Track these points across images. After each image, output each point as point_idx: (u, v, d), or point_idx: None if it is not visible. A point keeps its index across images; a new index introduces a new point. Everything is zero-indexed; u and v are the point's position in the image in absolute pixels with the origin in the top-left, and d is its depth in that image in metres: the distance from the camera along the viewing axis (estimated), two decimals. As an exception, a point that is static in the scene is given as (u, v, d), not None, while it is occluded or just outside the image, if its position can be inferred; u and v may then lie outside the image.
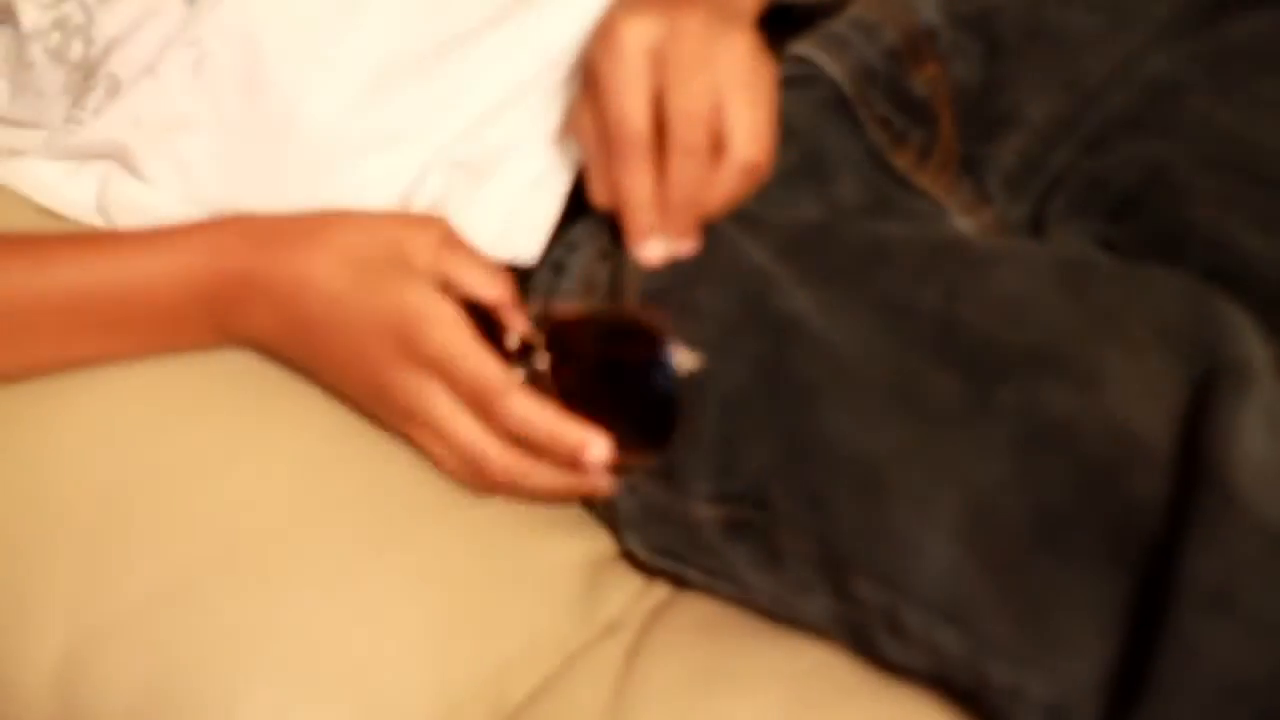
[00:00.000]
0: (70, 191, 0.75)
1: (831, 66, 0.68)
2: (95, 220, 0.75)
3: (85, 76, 0.72)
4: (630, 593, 0.69)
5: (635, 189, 0.57)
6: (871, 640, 0.57)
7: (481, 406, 0.58)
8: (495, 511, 0.67)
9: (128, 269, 0.64)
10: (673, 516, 0.62)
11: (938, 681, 0.55)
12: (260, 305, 0.63)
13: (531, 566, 0.67)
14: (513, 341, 0.60)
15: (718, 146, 0.57)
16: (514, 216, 0.68)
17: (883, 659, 0.57)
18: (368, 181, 0.69)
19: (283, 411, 0.67)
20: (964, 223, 0.67)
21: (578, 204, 0.68)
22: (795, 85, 0.68)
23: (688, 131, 0.55)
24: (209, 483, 0.65)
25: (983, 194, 0.68)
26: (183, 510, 0.64)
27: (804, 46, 0.69)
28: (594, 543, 0.69)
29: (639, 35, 0.56)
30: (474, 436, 0.60)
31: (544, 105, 0.70)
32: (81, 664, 0.62)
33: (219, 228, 0.65)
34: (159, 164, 0.71)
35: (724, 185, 0.57)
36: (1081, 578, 0.49)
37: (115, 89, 0.72)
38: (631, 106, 0.55)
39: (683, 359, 0.56)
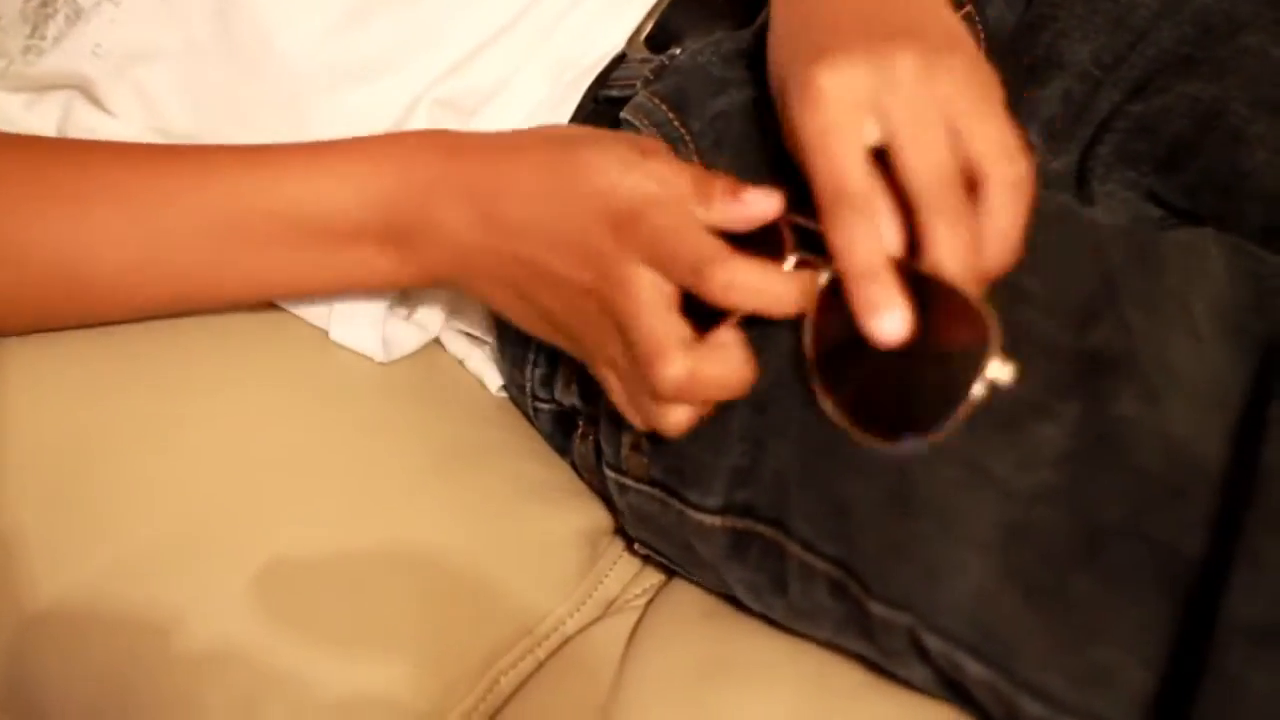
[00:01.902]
0: (30, 122, 0.71)
1: None
2: None
3: (44, 3, 0.67)
4: (629, 570, 0.65)
5: (867, 254, 0.47)
6: (889, 663, 0.53)
7: (696, 277, 0.48)
8: (488, 482, 0.64)
9: (299, 184, 0.58)
10: (665, 527, 0.58)
11: (962, 702, 0.51)
12: (451, 211, 0.55)
13: (526, 541, 0.63)
14: (789, 263, 0.50)
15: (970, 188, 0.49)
16: None
17: (903, 681, 0.54)
18: (347, 115, 0.65)
19: (264, 375, 0.64)
20: None
21: None
22: None
23: (943, 193, 0.47)
24: (184, 450, 0.61)
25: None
26: (148, 479, 0.60)
27: None
28: (591, 514, 0.65)
29: (846, 89, 0.48)
30: (664, 332, 0.49)
31: (535, 40, 0.66)
32: (34, 645, 0.58)
33: (404, 137, 0.59)
34: (122, 94, 0.67)
35: (999, 219, 0.48)
36: (1125, 602, 0.45)
37: (76, 15, 0.67)
38: (850, 167, 0.47)
39: (998, 369, 0.46)
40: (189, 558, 0.58)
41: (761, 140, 0.57)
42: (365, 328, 0.64)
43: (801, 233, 0.50)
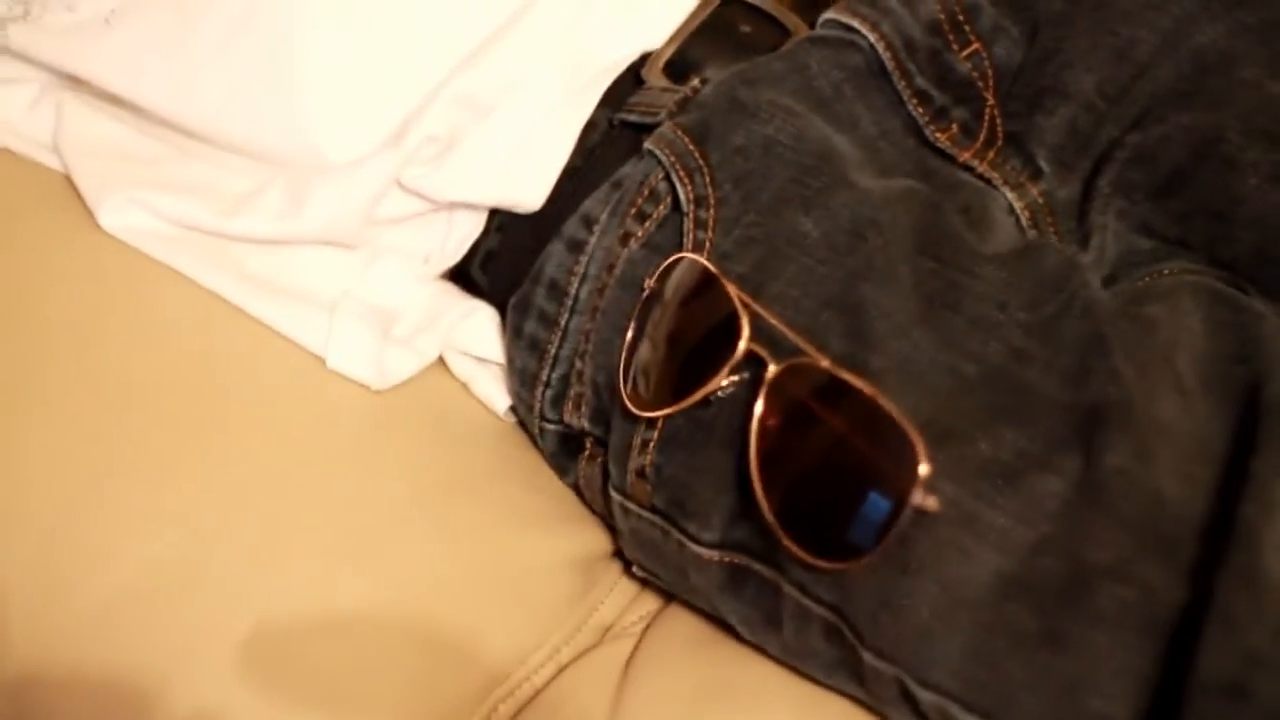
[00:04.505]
0: (29, 126, 0.72)
1: (869, 33, 0.62)
2: (50, 160, 0.71)
3: None
4: (626, 595, 0.65)
5: None
6: (881, 708, 0.53)
7: None
8: (482, 509, 0.64)
9: None
10: (664, 555, 0.58)
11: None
12: None
13: (521, 568, 0.63)
14: (739, 350, 0.51)
15: None
16: (519, 153, 0.65)
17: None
18: (349, 97, 0.64)
19: (256, 411, 0.63)
20: (1011, 197, 0.62)
21: (596, 168, 0.64)
22: (828, 46, 0.63)
23: None
24: (175, 483, 0.60)
25: (1033, 169, 0.63)
26: (147, 512, 0.59)
27: (840, 10, 0.64)
28: (587, 539, 0.65)
29: None
30: None
31: (550, 34, 0.66)
32: (39, 669, 0.57)
33: None
34: (111, 60, 0.67)
35: None
36: (1112, 644, 0.45)
37: None
38: None
39: (922, 496, 0.46)
40: (172, 600, 0.58)
41: (774, 179, 0.57)
42: (362, 355, 0.64)
43: (758, 323, 0.52)
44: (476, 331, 0.68)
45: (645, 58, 0.67)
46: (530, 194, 0.65)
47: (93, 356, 0.63)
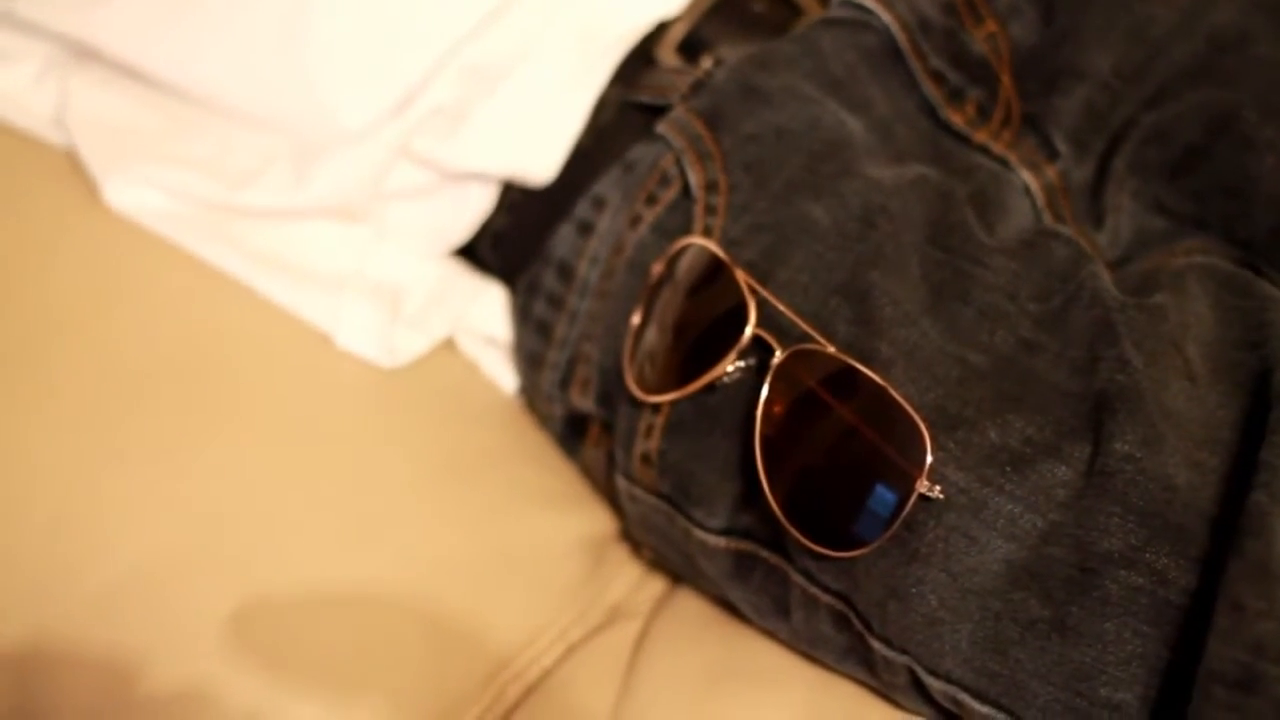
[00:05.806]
0: (32, 102, 0.71)
1: (883, 13, 0.61)
2: (53, 136, 0.71)
3: None
4: (635, 574, 0.65)
5: None
6: (892, 694, 0.53)
7: None
8: (490, 490, 0.64)
9: None
10: (672, 539, 0.58)
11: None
12: None
13: (530, 549, 0.63)
14: (745, 336, 0.52)
15: None
16: (531, 123, 0.65)
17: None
18: (361, 60, 0.64)
19: (263, 390, 0.63)
20: (1026, 177, 0.62)
21: (606, 148, 0.64)
22: (841, 27, 0.62)
23: None
24: (181, 464, 0.60)
25: (1049, 149, 0.62)
26: (153, 494, 0.59)
27: None
28: (596, 519, 0.65)
29: None
30: None
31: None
32: (44, 652, 0.57)
33: None
34: (118, 23, 0.67)
35: None
36: (1122, 631, 0.45)
37: None
38: None
39: (929, 484, 0.47)
40: (177, 582, 0.58)
41: (784, 168, 0.57)
42: (371, 333, 0.64)
43: (765, 309, 0.52)
44: (486, 311, 0.68)
45: (657, 32, 0.67)
46: (542, 164, 0.65)
47: (97, 337, 0.62)
